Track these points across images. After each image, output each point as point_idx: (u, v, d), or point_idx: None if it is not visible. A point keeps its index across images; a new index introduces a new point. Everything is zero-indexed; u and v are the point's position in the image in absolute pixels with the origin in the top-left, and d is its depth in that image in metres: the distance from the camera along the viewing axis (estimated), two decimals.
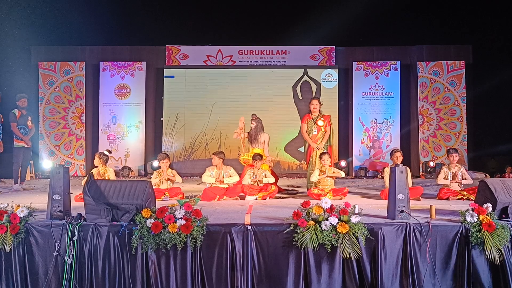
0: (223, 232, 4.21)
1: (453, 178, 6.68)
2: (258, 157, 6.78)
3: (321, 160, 6.74)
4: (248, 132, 7.66)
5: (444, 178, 6.73)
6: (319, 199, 4.77)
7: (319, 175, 6.67)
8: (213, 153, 6.88)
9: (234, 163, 7.86)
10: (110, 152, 7.05)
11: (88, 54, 11.76)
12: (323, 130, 7.31)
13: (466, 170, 7.25)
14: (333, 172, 6.71)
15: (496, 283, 4.21)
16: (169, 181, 6.73)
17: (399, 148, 8.35)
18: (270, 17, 11.90)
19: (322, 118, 7.35)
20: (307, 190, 6.96)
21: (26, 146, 8.07)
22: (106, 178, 6.49)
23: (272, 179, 6.79)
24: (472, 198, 5.87)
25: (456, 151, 6.90)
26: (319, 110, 7.44)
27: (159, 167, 6.91)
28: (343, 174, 6.88)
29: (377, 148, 11.34)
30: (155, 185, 6.44)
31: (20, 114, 7.97)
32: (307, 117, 7.51)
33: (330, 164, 6.80)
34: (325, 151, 7.04)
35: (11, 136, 8.09)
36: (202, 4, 11.92)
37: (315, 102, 7.46)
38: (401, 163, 6.62)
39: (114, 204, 4.33)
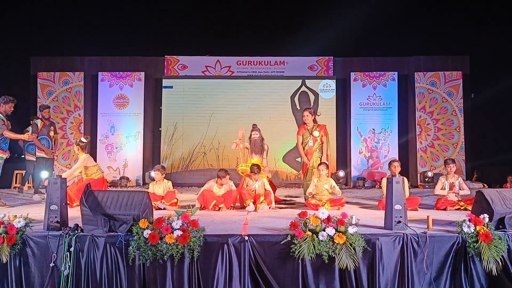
0: (220, 243, 4.20)
1: (450, 189, 6.69)
2: (257, 169, 6.74)
3: (318, 171, 6.74)
4: (250, 143, 7.63)
5: (441, 189, 6.74)
6: (317, 210, 4.76)
7: (315, 185, 6.68)
8: (223, 175, 6.61)
9: (232, 173, 7.85)
10: (87, 138, 7.04)
11: (87, 64, 11.82)
12: (319, 140, 7.29)
13: (463, 180, 7.25)
14: (331, 187, 6.69)
15: None
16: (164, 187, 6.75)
17: (397, 158, 8.35)
18: (268, 28, 11.98)
19: (317, 128, 7.30)
20: (305, 200, 6.94)
21: (46, 156, 8.05)
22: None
23: (268, 188, 6.79)
24: (470, 209, 5.88)
25: (453, 161, 6.91)
26: (313, 120, 7.40)
27: None
28: (339, 193, 6.78)
29: (375, 158, 11.36)
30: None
31: (42, 125, 8.00)
32: (302, 128, 7.47)
33: (327, 174, 6.80)
34: (322, 161, 7.03)
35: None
36: (201, 15, 12.02)
37: (305, 113, 7.40)
38: (399, 173, 6.63)
39: (111, 214, 4.33)
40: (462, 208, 6.34)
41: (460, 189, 6.70)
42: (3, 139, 6.87)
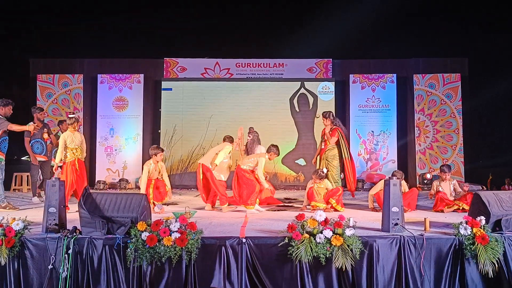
0: (218, 245, 4.22)
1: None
2: (276, 150, 6.91)
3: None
4: (245, 145, 7.71)
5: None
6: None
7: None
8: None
9: (231, 175, 7.87)
10: (73, 114, 7.11)
11: (86, 66, 11.82)
12: (329, 143, 7.53)
13: (459, 181, 7.27)
14: (327, 189, 6.72)
15: None
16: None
17: (398, 169, 8.24)
18: (268, 30, 12.02)
19: (329, 132, 7.56)
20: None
21: (43, 159, 8.04)
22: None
23: (266, 185, 6.84)
24: (466, 208, 5.97)
25: (449, 168, 6.91)
26: (332, 123, 7.63)
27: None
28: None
29: (374, 160, 11.37)
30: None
31: (33, 126, 7.87)
32: (322, 131, 7.86)
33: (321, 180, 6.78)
34: (318, 169, 7.06)
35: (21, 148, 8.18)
36: (200, 18, 12.06)
37: (322, 119, 7.76)
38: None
39: (109, 217, 4.34)
40: (460, 208, 6.38)
41: (455, 192, 6.74)
42: (3, 140, 6.87)
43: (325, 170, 6.94)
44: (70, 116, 6.96)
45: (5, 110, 6.92)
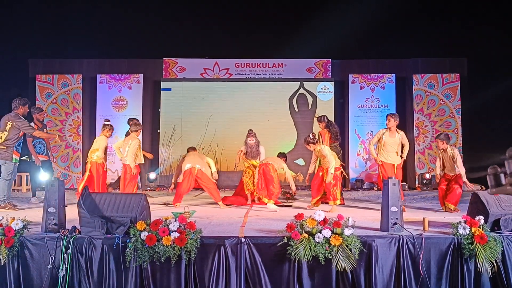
0: (217, 245, 4.23)
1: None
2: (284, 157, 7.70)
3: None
4: (245, 147, 7.68)
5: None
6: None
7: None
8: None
9: (231, 175, 7.90)
10: (108, 120, 7.51)
11: (85, 67, 11.83)
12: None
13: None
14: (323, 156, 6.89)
15: None
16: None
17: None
18: (267, 30, 12.00)
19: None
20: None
21: (44, 159, 8.06)
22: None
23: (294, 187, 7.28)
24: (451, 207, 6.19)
25: (447, 137, 6.97)
26: (325, 126, 7.89)
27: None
28: (331, 170, 6.82)
29: (373, 160, 11.36)
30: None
31: (36, 128, 7.80)
32: None
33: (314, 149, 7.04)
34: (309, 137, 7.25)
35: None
36: (199, 17, 12.03)
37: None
38: (397, 127, 6.76)
39: (108, 217, 4.35)
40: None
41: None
42: (20, 142, 6.93)
43: (311, 136, 6.98)
44: (104, 122, 7.58)
45: (24, 109, 6.96)
